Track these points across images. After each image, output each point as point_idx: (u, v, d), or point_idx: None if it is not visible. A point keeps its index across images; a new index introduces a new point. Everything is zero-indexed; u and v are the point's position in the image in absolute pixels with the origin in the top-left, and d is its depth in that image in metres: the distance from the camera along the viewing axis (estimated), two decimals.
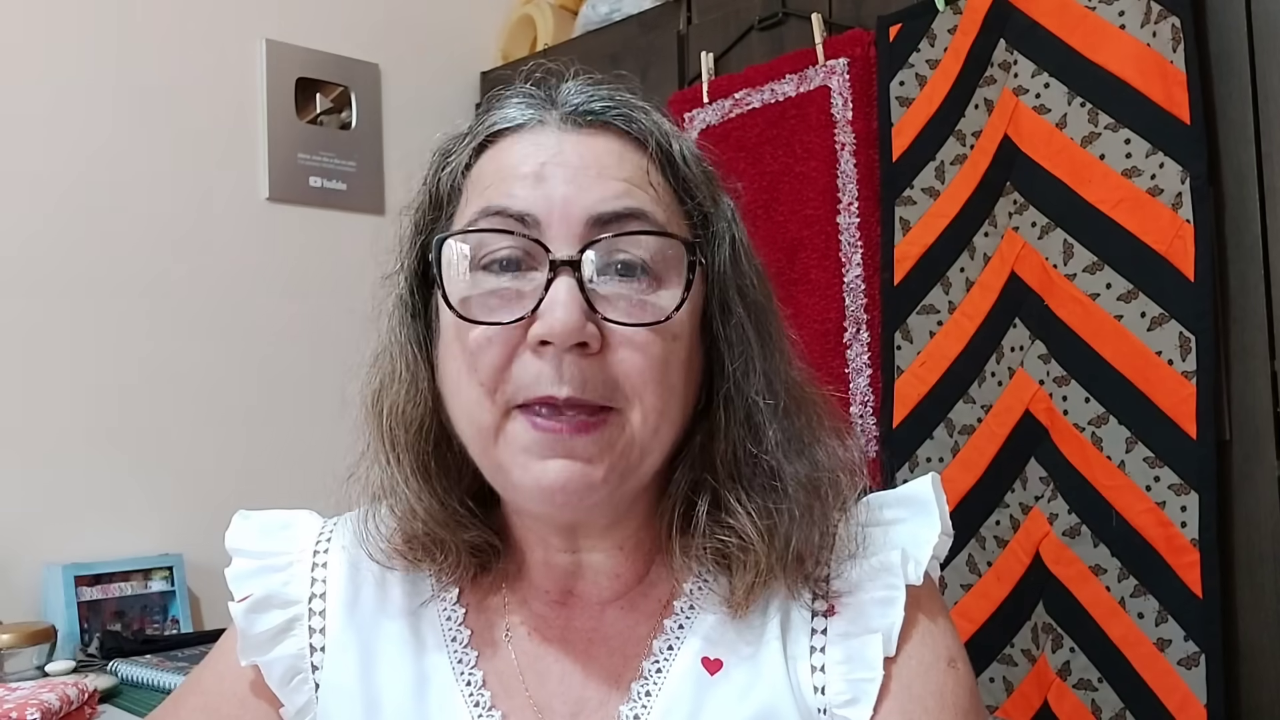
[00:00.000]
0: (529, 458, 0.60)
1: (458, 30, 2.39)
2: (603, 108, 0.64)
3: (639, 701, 0.65)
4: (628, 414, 0.61)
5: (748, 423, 0.65)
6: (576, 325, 0.58)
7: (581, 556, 0.68)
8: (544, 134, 0.64)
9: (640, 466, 0.62)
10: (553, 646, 0.69)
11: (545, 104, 0.65)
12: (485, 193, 0.63)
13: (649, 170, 0.63)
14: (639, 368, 0.60)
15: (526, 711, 0.67)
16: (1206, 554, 1.28)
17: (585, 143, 0.63)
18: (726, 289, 0.65)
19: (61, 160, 1.84)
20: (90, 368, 1.85)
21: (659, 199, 0.63)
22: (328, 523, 0.77)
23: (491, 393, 0.61)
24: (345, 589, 0.72)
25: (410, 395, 0.67)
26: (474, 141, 0.66)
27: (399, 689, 0.69)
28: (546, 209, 0.61)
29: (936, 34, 1.60)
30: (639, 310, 0.60)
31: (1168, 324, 1.33)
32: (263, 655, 0.71)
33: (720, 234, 0.66)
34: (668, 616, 0.68)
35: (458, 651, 0.69)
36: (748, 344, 0.65)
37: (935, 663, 0.65)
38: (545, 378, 0.59)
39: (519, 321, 0.60)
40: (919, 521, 0.69)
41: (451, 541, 0.68)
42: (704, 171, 0.67)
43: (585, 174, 0.61)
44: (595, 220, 0.60)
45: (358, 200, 2.20)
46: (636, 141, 0.64)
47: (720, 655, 0.66)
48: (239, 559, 0.74)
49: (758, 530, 0.63)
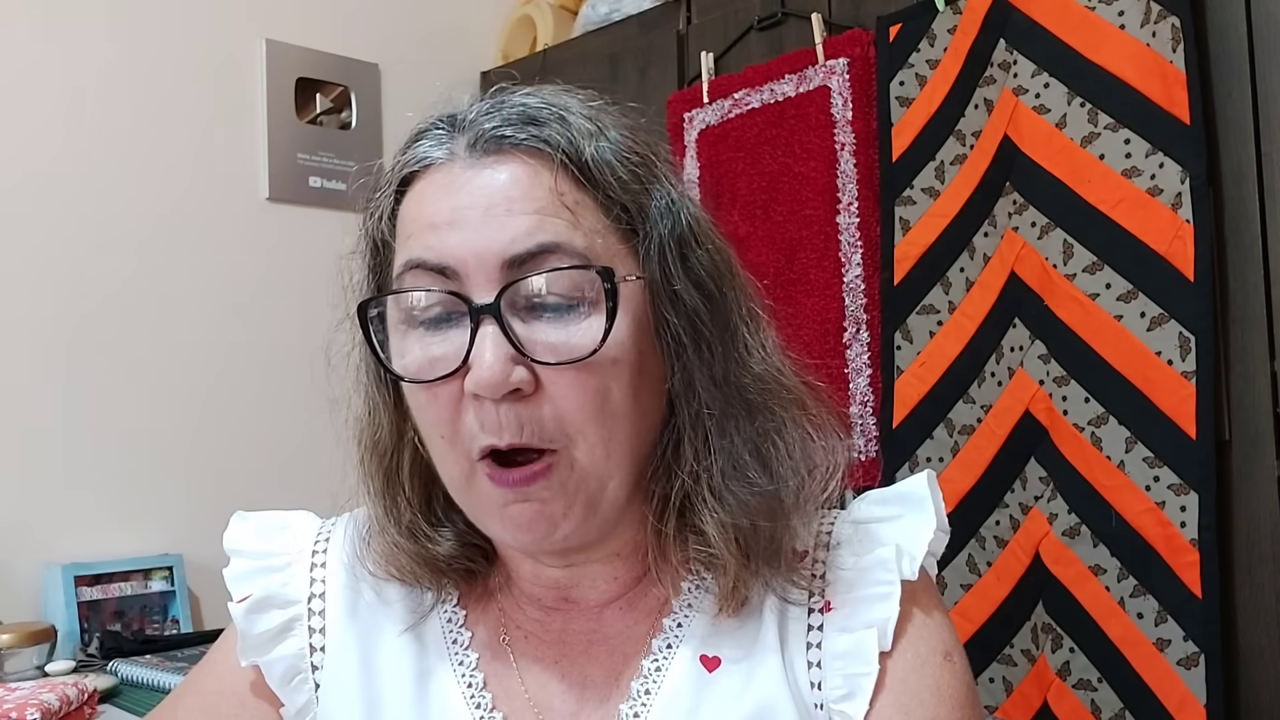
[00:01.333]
0: (496, 507, 0.62)
1: (458, 30, 2.39)
2: (508, 131, 0.62)
3: (638, 700, 0.66)
4: (572, 452, 0.61)
5: (698, 428, 0.64)
6: (501, 377, 0.58)
7: (575, 569, 0.68)
8: (452, 172, 0.63)
9: (605, 493, 0.62)
10: (552, 648, 0.69)
11: (452, 134, 0.64)
12: (407, 244, 0.63)
13: (561, 190, 0.61)
14: (576, 405, 0.60)
15: (527, 713, 0.67)
16: (1206, 554, 1.28)
17: (492, 177, 0.61)
18: (659, 298, 0.63)
19: (61, 160, 1.84)
20: (90, 368, 1.85)
21: (576, 221, 0.61)
22: (326, 523, 0.78)
23: (452, 444, 0.62)
24: (345, 590, 0.73)
25: (374, 438, 0.69)
26: (390, 188, 0.66)
27: (399, 691, 0.69)
28: (461, 258, 0.60)
29: (936, 34, 1.60)
30: (567, 346, 0.60)
31: (1167, 324, 1.33)
32: (263, 655, 0.71)
33: (654, 236, 0.63)
34: (666, 615, 0.68)
35: (458, 654, 0.70)
36: (685, 352, 0.63)
37: (931, 656, 0.65)
38: (487, 427, 0.60)
39: (455, 375, 0.60)
40: (914, 518, 0.69)
41: (429, 574, 0.69)
42: (629, 170, 0.64)
43: (494, 214, 0.60)
44: (510, 263, 0.60)
45: (358, 200, 2.19)
46: (544, 157, 0.62)
47: (718, 653, 0.66)
48: (237, 560, 0.75)
49: (724, 536, 0.63)
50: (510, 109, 0.64)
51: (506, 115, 0.63)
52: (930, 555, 0.68)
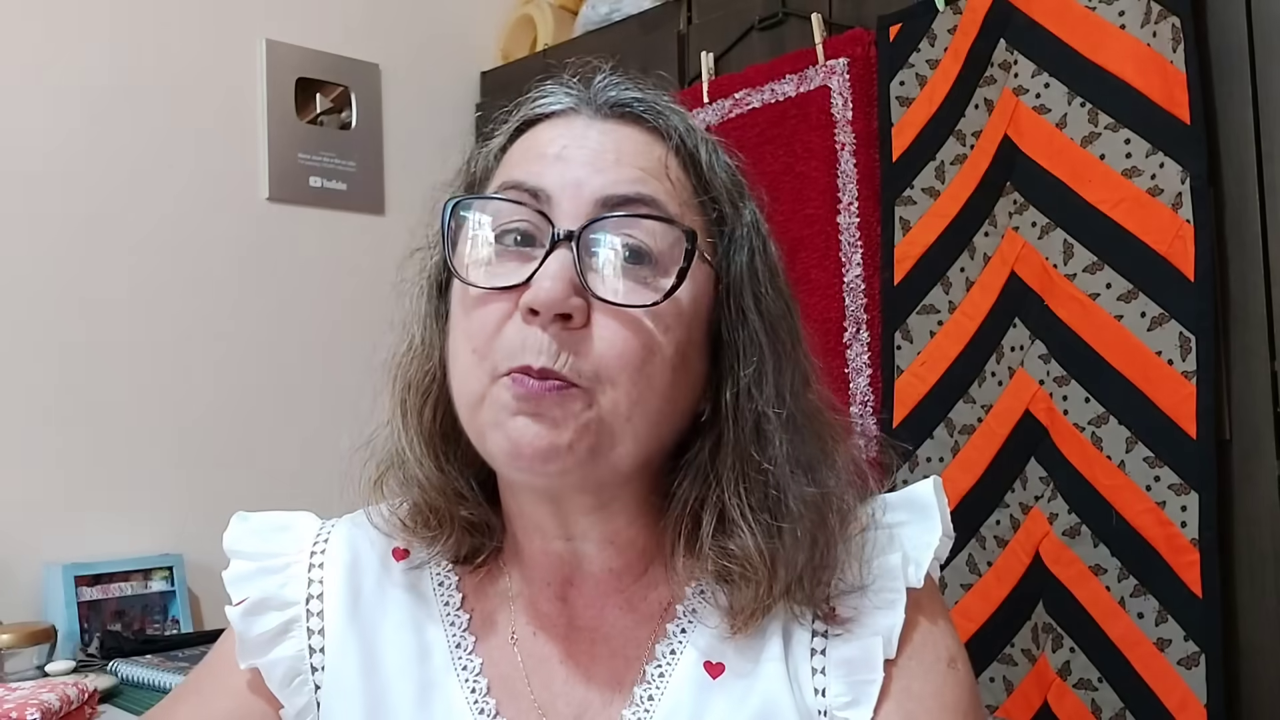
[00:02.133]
0: (505, 415, 0.61)
1: (458, 30, 2.39)
2: (633, 99, 0.66)
3: (641, 705, 0.66)
4: (596, 394, 0.60)
5: (756, 434, 0.64)
6: (560, 297, 0.59)
7: (576, 545, 0.68)
8: (574, 121, 0.65)
9: (611, 451, 0.61)
10: (557, 647, 0.69)
11: (581, 94, 0.67)
12: (509, 170, 0.65)
13: (668, 163, 0.64)
14: (617, 352, 0.60)
15: (530, 714, 0.67)
16: (1206, 554, 1.28)
17: (610, 130, 0.65)
18: (742, 294, 0.65)
19: (61, 160, 1.84)
20: (90, 367, 1.85)
21: (674, 192, 0.64)
22: (325, 524, 0.77)
23: (482, 358, 0.62)
24: (344, 589, 0.72)
25: (423, 365, 0.68)
26: (512, 126, 0.68)
27: (402, 693, 0.69)
28: (559, 186, 0.62)
29: (936, 34, 1.60)
30: (631, 292, 0.61)
31: (1168, 324, 1.33)
32: (261, 658, 0.71)
33: (739, 240, 0.66)
34: (670, 620, 0.68)
35: (461, 658, 0.69)
36: (761, 353, 0.64)
37: (935, 664, 0.65)
38: (527, 346, 0.60)
39: (514, 289, 0.61)
40: (920, 524, 0.69)
41: (448, 512, 0.68)
42: (730, 178, 0.68)
43: (602, 158, 0.63)
44: (604, 202, 0.61)
45: (358, 200, 2.20)
46: (662, 136, 0.65)
47: (722, 659, 0.66)
48: (236, 561, 0.74)
49: (761, 554, 0.63)
50: (638, 89, 0.67)
51: (633, 91, 0.67)
52: (935, 560, 0.68)
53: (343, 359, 2.10)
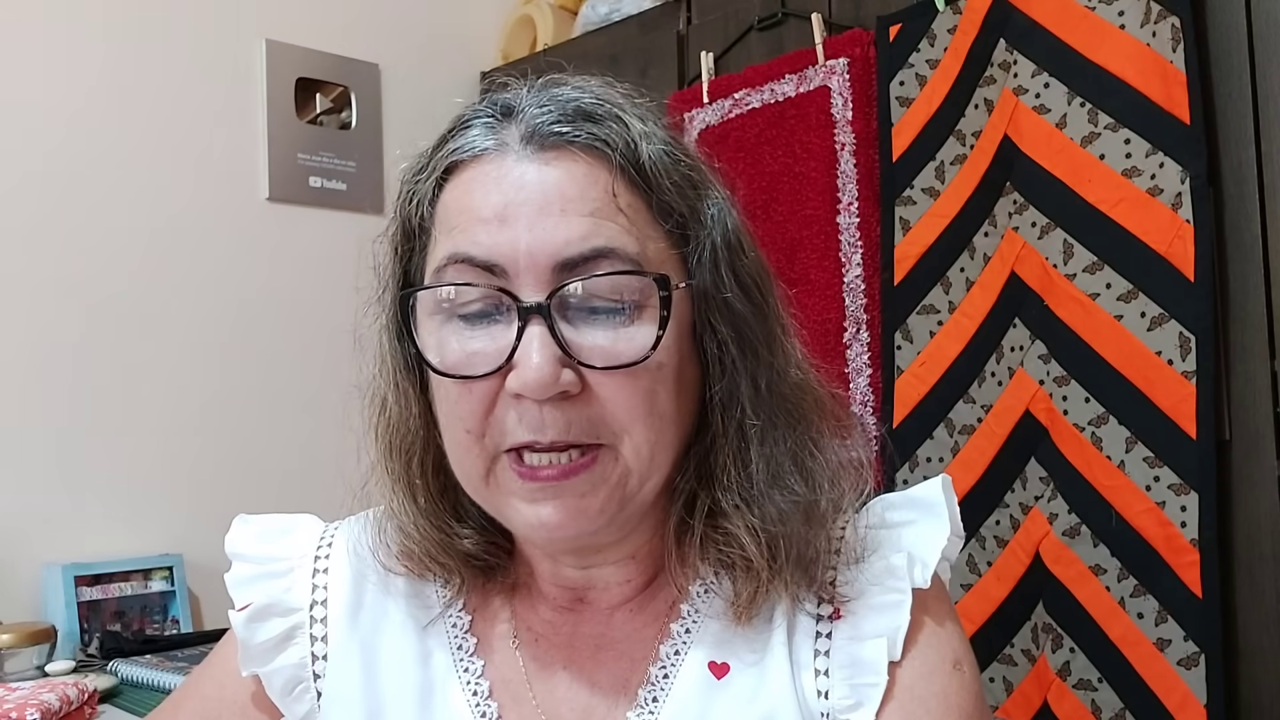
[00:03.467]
0: (521, 502, 0.60)
1: (458, 30, 2.39)
2: (564, 127, 0.60)
3: (646, 708, 0.65)
4: (619, 448, 0.60)
5: (740, 436, 0.64)
6: (550, 378, 0.57)
7: (592, 572, 0.68)
8: (504, 164, 0.60)
9: (640, 492, 0.62)
10: (561, 652, 0.68)
11: (504, 124, 0.62)
12: (451, 235, 0.61)
13: (616, 192, 0.60)
14: (624, 406, 0.59)
15: (534, 718, 0.67)
16: (1206, 554, 1.28)
17: (547, 174, 0.60)
18: (708, 306, 0.63)
19: (62, 160, 1.84)
20: (90, 367, 1.85)
21: (630, 224, 0.60)
22: (329, 527, 0.76)
23: (479, 438, 0.61)
24: (348, 595, 0.72)
25: (400, 429, 0.67)
26: (435, 173, 0.64)
27: (403, 698, 0.68)
28: (512, 257, 0.58)
29: (936, 34, 1.60)
30: (616, 350, 0.59)
31: (1168, 324, 1.33)
32: (263, 666, 0.70)
33: (703, 242, 0.63)
34: (674, 621, 0.67)
35: (463, 660, 0.69)
36: (731, 361, 0.63)
37: (940, 665, 0.65)
38: (527, 424, 0.59)
39: (496, 373, 0.59)
40: (927, 524, 0.68)
41: (450, 561, 0.68)
42: (682, 174, 0.63)
43: (548, 213, 0.59)
44: (563, 265, 0.58)
45: (358, 200, 2.20)
46: (602, 157, 0.60)
47: (727, 659, 0.66)
48: (239, 564, 0.73)
49: (756, 541, 0.62)
50: (566, 103, 0.62)
51: (563, 110, 0.61)
52: (944, 560, 0.67)
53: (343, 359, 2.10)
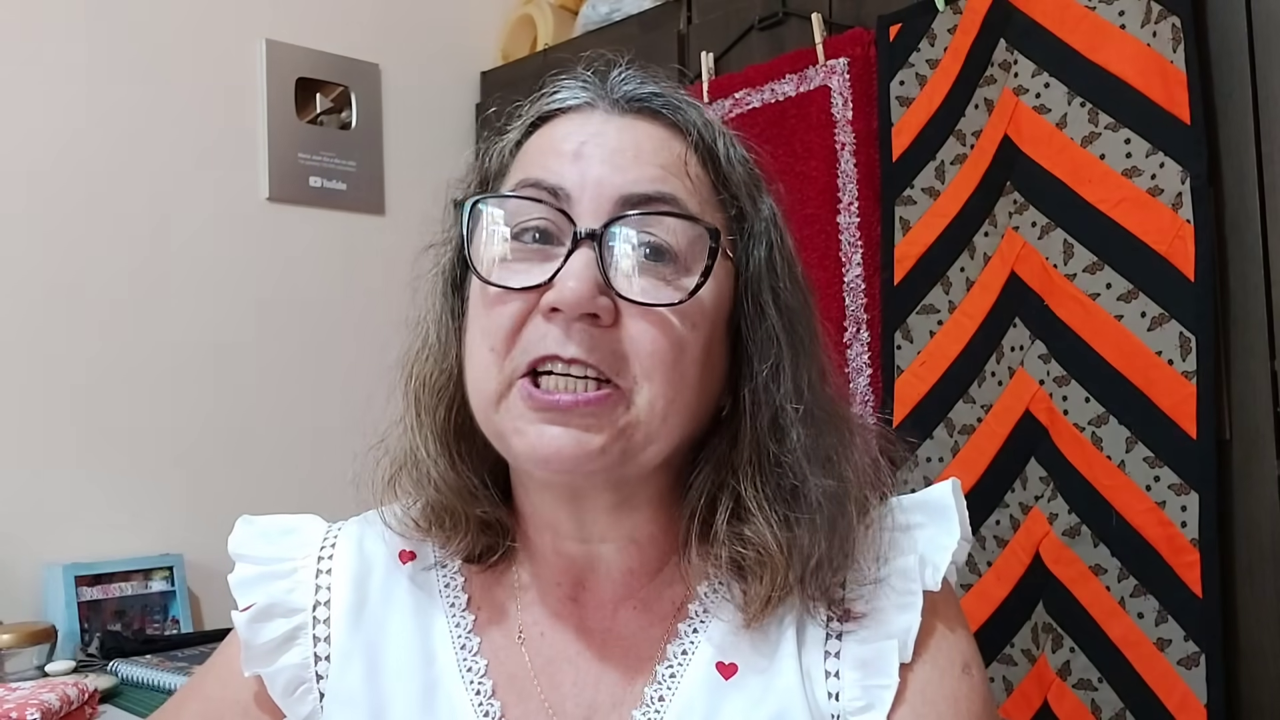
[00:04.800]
0: (525, 423, 0.60)
1: (458, 30, 2.39)
2: (650, 94, 0.65)
3: (651, 706, 0.65)
4: (634, 395, 0.60)
5: (772, 427, 0.64)
6: (586, 295, 0.58)
7: (592, 548, 0.67)
8: (590, 116, 0.65)
9: (644, 451, 0.61)
10: (567, 647, 0.68)
11: (597, 89, 0.66)
12: (526, 167, 0.64)
13: (687, 160, 0.64)
14: (650, 348, 0.60)
15: (539, 714, 0.66)
16: (1206, 554, 1.28)
17: (628, 126, 0.64)
18: (760, 290, 0.65)
19: (61, 160, 1.84)
20: (90, 367, 1.85)
21: (693, 189, 0.63)
22: (332, 527, 0.77)
23: (501, 357, 0.61)
24: (351, 595, 0.71)
25: (438, 364, 0.68)
26: (526, 121, 0.67)
27: (407, 698, 0.68)
28: (579, 185, 0.61)
29: (937, 34, 1.60)
30: (656, 290, 0.60)
31: (1168, 324, 1.33)
32: (266, 666, 0.70)
33: (758, 235, 0.66)
34: (681, 620, 0.67)
35: (466, 660, 0.69)
36: (778, 347, 0.64)
37: (950, 669, 0.65)
38: (552, 338, 0.59)
39: (535, 289, 0.60)
40: (938, 527, 0.68)
41: (463, 512, 0.68)
42: (748, 172, 0.67)
43: (622, 155, 0.62)
44: (625, 200, 0.61)
45: (358, 200, 2.20)
46: (680, 131, 0.65)
47: (735, 660, 0.65)
48: (242, 565, 0.73)
49: (778, 542, 0.62)
50: (655, 83, 0.66)
51: (653, 86, 0.66)
52: (953, 564, 0.67)
53: (342, 359, 2.10)
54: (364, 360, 2.11)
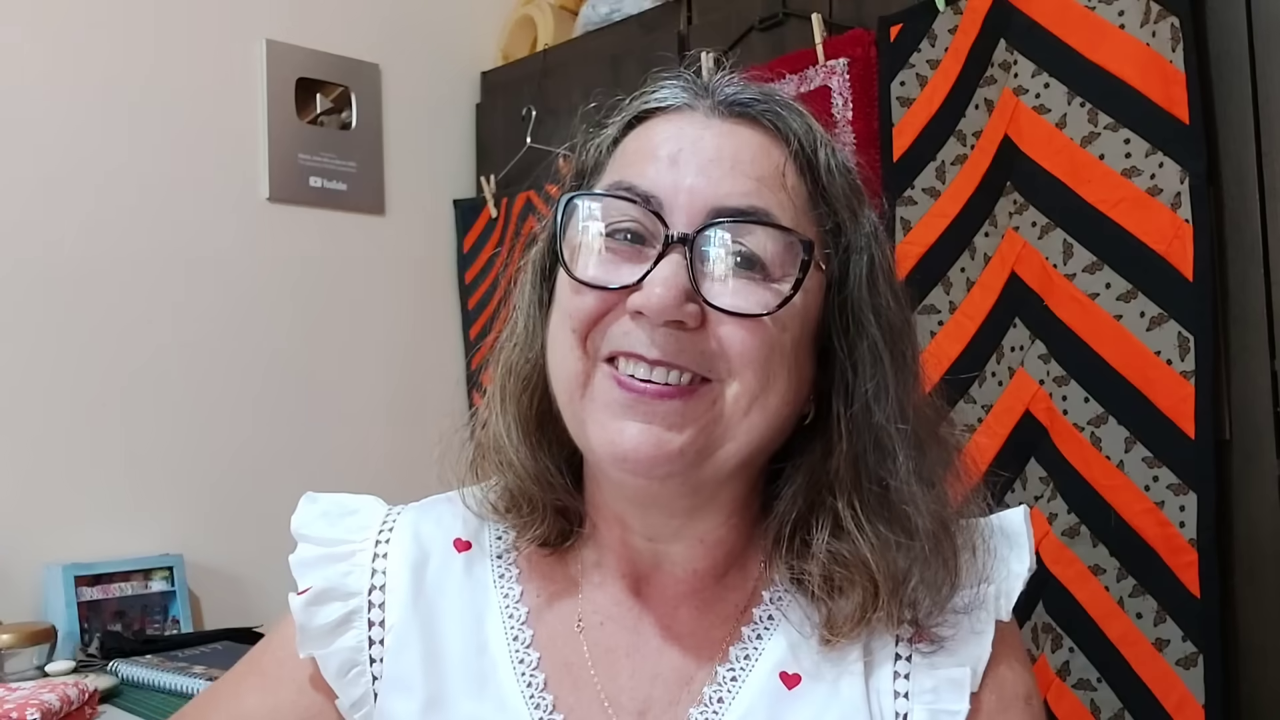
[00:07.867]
0: (609, 415, 0.60)
1: (458, 30, 2.39)
2: (751, 100, 0.64)
3: (710, 706, 0.64)
4: (724, 388, 0.60)
5: (876, 447, 0.63)
6: (673, 303, 0.58)
7: (660, 546, 0.67)
8: (689, 120, 0.64)
9: (721, 448, 0.61)
10: (625, 639, 0.68)
11: (698, 91, 0.65)
12: (623, 169, 0.64)
13: (785, 170, 0.62)
14: (740, 348, 0.60)
15: (594, 705, 0.66)
16: (1205, 554, 1.28)
17: (727, 133, 0.63)
18: (860, 306, 0.63)
19: (60, 161, 1.84)
20: (90, 367, 1.85)
21: (789, 201, 0.62)
22: (391, 511, 0.77)
23: (583, 340, 0.61)
24: (408, 580, 0.71)
25: (525, 352, 0.68)
26: (625, 118, 0.67)
27: (459, 685, 0.68)
28: (673, 193, 0.61)
29: (937, 34, 1.60)
30: (746, 298, 0.60)
31: (1167, 324, 1.33)
32: (321, 649, 0.70)
33: (858, 248, 0.64)
34: (746, 624, 0.67)
35: (519, 652, 0.68)
36: (881, 366, 0.63)
37: (1014, 701, 0.65)
38: (635, 337, 0.59)
39: (623, 289, 0.60)
40: (1011, 555, 0.67)
41: (540, 499, 0.68)
42: (848, 183, 0.66)
43: (718, 166, 0.61)
44: (716, 212, 0.60)
45: (358, 200, 2.20)
46: (781, 139, 0.63)
47: (799, 670, 0.65)
48: (304, 545, 0.73)
49: (878, 564, 0.61)
50: (759, 88, 0.65)
51: (757, 91, 0.65)
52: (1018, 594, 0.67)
53: (342, 359, 2.10)
54: (364, 360, 2.11)
